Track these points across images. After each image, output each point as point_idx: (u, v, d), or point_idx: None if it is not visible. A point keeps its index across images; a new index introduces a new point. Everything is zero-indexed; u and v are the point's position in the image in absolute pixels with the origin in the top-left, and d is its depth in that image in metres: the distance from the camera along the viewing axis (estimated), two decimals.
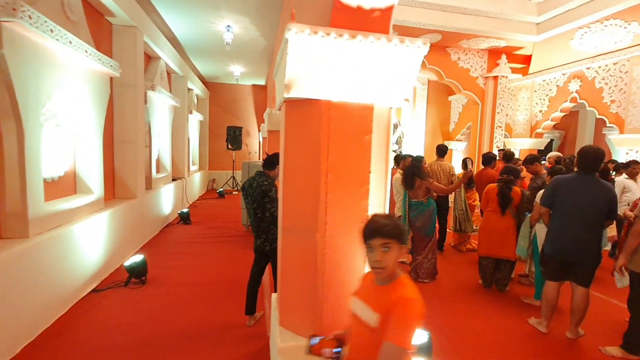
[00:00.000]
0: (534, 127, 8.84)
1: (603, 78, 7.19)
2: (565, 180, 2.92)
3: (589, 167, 2.76)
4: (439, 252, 5.15)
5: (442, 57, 8.44)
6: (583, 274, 2.78)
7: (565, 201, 2.84)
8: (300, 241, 1.97)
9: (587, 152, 2.76)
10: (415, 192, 3.93)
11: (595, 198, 2.67)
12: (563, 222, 2.85)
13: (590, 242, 2.71)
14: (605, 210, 2.66)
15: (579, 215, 2.74)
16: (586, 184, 2.74)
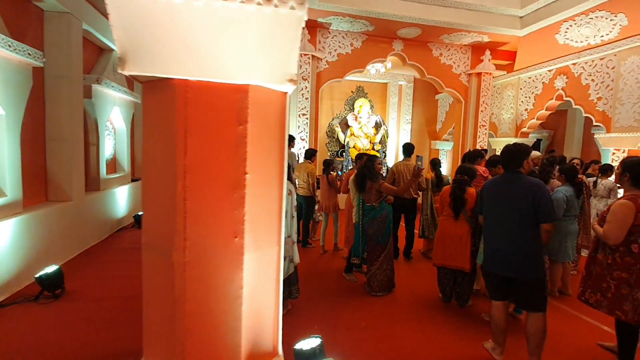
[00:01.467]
0: (519, 126, 8.40)
1: (589, 74, 6.75)
2: (490, 183, 2.55)
3: (511, 165, 2.35)
4: (406, 259, 4.71)
5: (423, 52, 8.01)
6: (525, 293, 2.30)
7: (490, 206, 2.46)
8: (159, 261, 1.54)
9: (507, 149, 2.40)
10: (367, 195, 3.49)
11: (518, 198, 2.27)
12: (491, 230, 2.46)
13: (523, 252, 2.25)
14: (530, 210, 2.21)
15: (505, 220, 2.34)
16: (509, 184, 2.35)
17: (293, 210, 3.08)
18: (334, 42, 7.56)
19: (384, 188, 3.36)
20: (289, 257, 3.02)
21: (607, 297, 2.27)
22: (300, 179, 4.93)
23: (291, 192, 3.03)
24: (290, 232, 3.04)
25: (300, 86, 7.24)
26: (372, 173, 3.42)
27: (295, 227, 3.11)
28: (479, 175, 3.85)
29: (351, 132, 9.86)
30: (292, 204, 3.05)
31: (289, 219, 3.02)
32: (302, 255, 4.79)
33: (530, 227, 2.25)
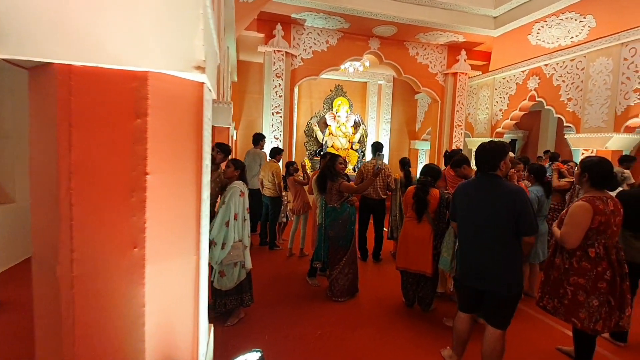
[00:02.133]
0: (494, 126, 8.42)
1: (560, 75, 6.78)
2: (462, 187, 2.27)
3: (485, 166, 2.10)
4: (375, 261, 4.57)
5: (399, 51, 7.91)
6: (493, 307, 2.08)
7: (464, 213, 2.22)
8: (45, 277, 1.32)
9: (481, 147, 2.12)
10: (329, 196, 3.32)
11: (496, 208, 2.02)
12: (465, 238, 2.25)
13: (498, 265, 2.03)
14: (510, 221, 1.98)
15: (479, 228, 2.10)
16: (484, 189, 2.10)
17: (245, 213, 2.88)
18: (309, 39, 7.37)
19: (344, 187, 3.20)
20: (240, 262, 2.82)
21: (564, 304, 2.16)
22: (266, 179, 4.73)
23: (243, 194, 2.83)
24: (242, 236, 2.84)
25: (274, 83, 7.02)
26: (332, 172, 3.25)
27: (247, 231, 2.91)
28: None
29: (329, 131, 9.70)
30: (244, 206, 2.85)
31: (240, 222, 2.82)
32: (268, 258, 4.59)
33: (509, 239, 2.02)
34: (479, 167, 2.16)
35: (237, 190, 2.78)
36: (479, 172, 2.19)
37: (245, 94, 10.09)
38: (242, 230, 2.84)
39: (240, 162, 2.94)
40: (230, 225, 2.72)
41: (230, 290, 2.80)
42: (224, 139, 4.43)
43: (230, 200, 2.74)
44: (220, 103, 4.06)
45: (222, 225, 2.72)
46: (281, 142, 7.15)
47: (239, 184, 2.84)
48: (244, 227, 2.86)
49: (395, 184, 4.53)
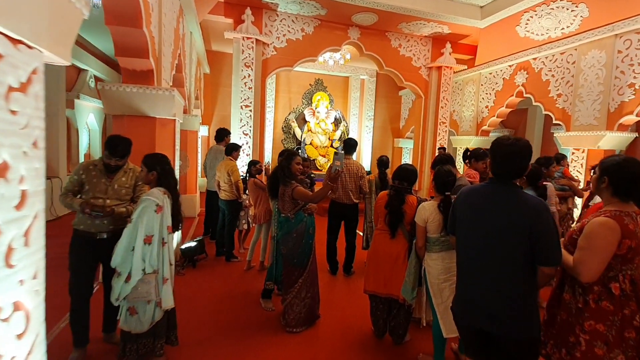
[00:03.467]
0: (480, 124, 7.92)
1: (550, 69, 6.30)
2: (468, 194, 1.69)
3: (511, 171, 1.54)
4: (346, 275, 3.95)
5: (381, 42, 7.30)
6: (512, 356, 1.54)
7: (465, 227, 1.66)
8: None
9: (509, 147, 1.52)
10: (281, 203, 2.67)
11: (508, 223, 1.48)
12: (464, 262, 1.67)
13: (512, 302, 1.50)
14: (526, 244, 1.44)
15: (484, 251, 1.55)
16: (496, 199, 1.55)
17: (165, 234, 2.19)
18: (282, 26, 6.68)
19: (297, 194, 2.55)
20: (155, 300, 2.13)
21: (575, 356, 1.58)
22: (222, 179, 4.04)
23: (161, 208, 2.14)
24: (158, 266, 2.15)
25: (243, 74, 6.31)
26: (285, 174, 2.60)
27: (169, 257, 2.23)
28: (472, 179, 3.09)
29: (308, 127, 9.04)
30: (162, 225, 2.17)
31: (155, 246, 2.13)
32: (222, 272, 3.91)
33: (525, 268, 1.48)
34: (498, 171, 1.57)
35: (150, 203, 2.08)
36: (496, 178, 1.59)
37: (218, 87, 9.33)
38: (159, 257, 2.15)
39: (157, 160, 2.24)
40: (137, 251, 2.04)
41: (144, 333, 2.12)
42: (168, 134, 3.72)
43: (139, 218, 2.04)
44: (156, 89, 3.35)
45: (128, 251, 2.03)
46: (251, 138, 6.46)
47: (155, 193, 2.14)
48: (161, 252, 2.17)
49: (369, 186, 3.91)
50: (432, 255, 2.23)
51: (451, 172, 2.29)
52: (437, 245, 2.22)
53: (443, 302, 2.19)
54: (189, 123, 6.26)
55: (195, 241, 4.01)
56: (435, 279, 2.21)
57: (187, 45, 5.90)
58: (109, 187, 2.31)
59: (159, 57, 3.53)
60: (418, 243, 2.27)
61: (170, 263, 2.29)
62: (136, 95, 3.36)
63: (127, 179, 2.41)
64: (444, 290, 2.19)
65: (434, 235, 2.21)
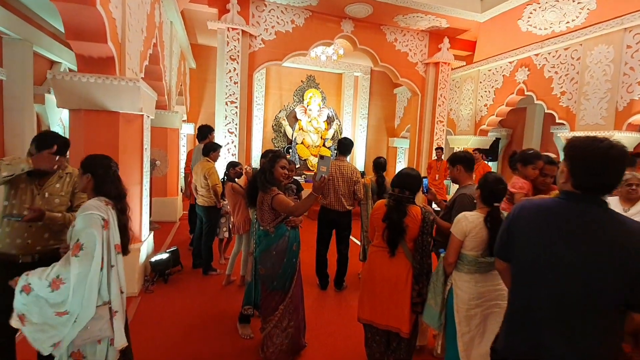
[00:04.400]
0: (478, 123, 7.56)
1: (553, 66, 5.95)
2: (535, 211, 1.24)
3: (597, 184, 1.11)
4: (337, 290, 3.52)
5: (375, 36, 6.87)
6: None
7: (532, 259, 1.21)
8: None
9: (592, 149, 1.09)
10: (260, 213, 2.22)
11: (603, 260, 1.06)
12: (524, 297, 1.24)
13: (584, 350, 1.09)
14: (622, 285, 1.03)
15: (559, 288, 1.12)
16: (583, 224, 1.11)
17: (114, 255, 1.73)
18: (271, 17, 6.21)
19: (277, 204, 2.10)
20: (107, 338, 1.67)
21: None
22: (198, 183, 3.58)
23: (107, 223, 1.68)
24: (110, 297, 1.70)
25: (228, 67, 5.83)
26: (266, 179, 2.15)
27: (119, 285, 1.77)
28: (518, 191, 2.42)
29: (299, 126, 8.59)
30: (110, 244, 1.71)
31: (105, 272, 1.67)
32: (198, 288, 3.45)
33: (612, 312, 1.07)
34: (585, 184, 1.12)
35: (95, 220, 1.62)
36: (575, 191, 1.15)
37: (205, 82, 8.81)
38: (108, 285, 1.70)
39: (95, 161, 1.77)
40: (93, 281, 1.58)
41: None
42: (135, 132, 3.23)
43: (79, 236, 1.59)
44: (118, 79, 2.87)
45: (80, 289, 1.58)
46: (237, 136, 5.98)
47: (95, 205, 1.68)
48: (110, 279, 1.71)
49: (365, 191, 3.49)
50: (464, 275, 1.84)
51: (501, 179, 1.89)
52: (472, 266, 1.83)
53: (469, 332, 1.81)
54: (169, 120, 5.76)
55: (168, 252, 3.54)
56: (465, 304, 1.82)
57: (167, 35, 5.40)
58: (37, 196, 1.84)
59: (123, 42, 3.05)
60: (449, 258, 1.89)
61: (121, 291, 1.83)
62: (94, 87, 2.88)
63: (62, 185, 1.94)
64: (473, 319, 1.81)
65: (472, 253, 1.83)
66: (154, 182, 5.53)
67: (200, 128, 4.94)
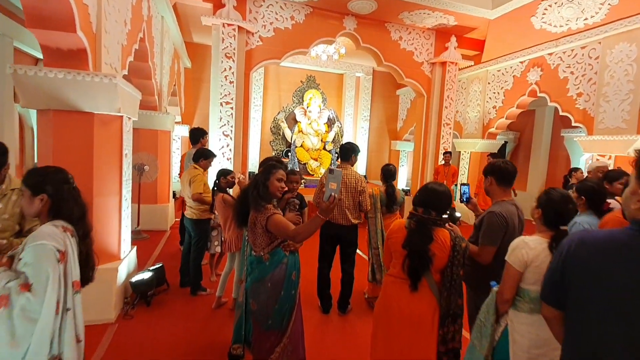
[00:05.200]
0: (486, 125, 7.20)
1: (568, 65, 5.59)
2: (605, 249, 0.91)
3: None
4: (341, 314, 3.12)
5: (379, 34, 6.50)
6: None
7: (601, 304, 0.90)
8: None
9: None
10: (252, 236, 1.83)
11: None
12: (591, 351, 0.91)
13: None
14: None
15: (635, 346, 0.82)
16: None
17: (71, 296, 1.34)
18: (269, 13, 5.83)
19: (272, 226, 1.71)
20: None
21: None
22: (185, 192, 3.18)
23: (64, 255, 1.29)
24: (61, 349, 1.30)
25: (223, 66, 5.44)
26: (260, 195, 1.76)
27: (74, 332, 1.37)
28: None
29: (299, 128, 8.20)
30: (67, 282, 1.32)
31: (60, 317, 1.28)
32: (184, 310, 3.05)
33: None
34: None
35: (45, 251, 1.23)
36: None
37: (201, 82, 8.43)
38: (61, 334, 1.31)
39: (47, 176, 1.36)
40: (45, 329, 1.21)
41: None
42: (112, 136, 2.84)
43: (28, 273, 1.20)
44: (91, 75, 2.48)
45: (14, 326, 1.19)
46: (232, 139, 5.59)
47: (49, 232, 1.28)
48: (64, 326, 1.32)
49: (373, 202, 3.10)
50: (523, 316, 1.48)
51: (569, 197, 1.51)
52: (535, 304, 1.46)
53: None
54: (160, 121, 5.36)
55: (152, 270, 3.14)
56: (524, 353, 1.45)
57: (157, 30, 5.02)
58: None
59: (98, 33, 2.66)
60: (505, 294, 1.51)
61: (79, 339, 1.43)
62: (63, 83, 2.49)
63: (6, 205, 1.54)
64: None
65: (535, 288, 1.46)
66: (143, 188, 5.13)
67: (192, 131, 4.55)
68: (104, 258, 2.83)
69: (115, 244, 2.93)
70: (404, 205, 3.31)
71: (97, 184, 2.74)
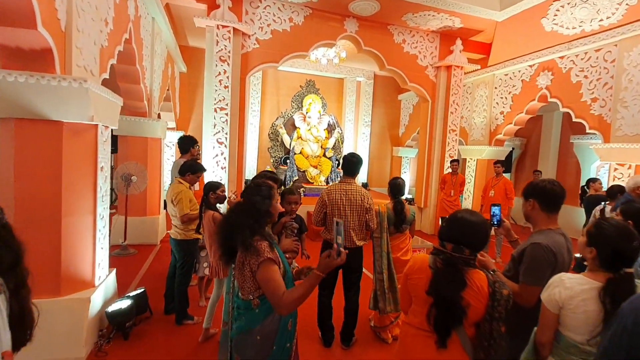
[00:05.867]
0: (493, 132, 6.87)
1: (581, 69, 5.28)
2: None
3: None
4: (344, 347, 2.75)
5: (382, 37, 6.21)
6: None
7: None
8: None
9: None
10: (239, 276, 1.47)
11: None
12: None
13: None
14: None
15: None
16: None
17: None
18: (266, 15, 5.53)
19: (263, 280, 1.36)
20: None
21: None
22: (170, 210, 2.83)
23: None
24: None
25: (217, 69, 5.12)
26: (252, 228, 1.40)
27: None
28: None
29: (298, 134, 7.87)
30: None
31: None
32: (167, 342, 2.68)
33: None
34: None
35: None
36: None
37: (197, 87, 8.11)
38: None
39: None
40: None
41: None
42: (85, 148, 2.49)
43: None
44: (57, 78, 2.15)
45: None
46: (227, 147, 5.26)
47: None
48: None
49: (379, 221, 2.75)
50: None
51: (632, 232, 1.19)
52: (574, 355, 1.14)
53: None
54: (150, 128, 5.02)
55: (132, 297, 2.77)
56: None
57: (147, 32, 4.70)
58: None
59: (68, 31, 2.33)
60: (541, 336, 1.26)
61: None
62: (25, 88, 2.15)
63: None
64: None
65: (573, 336, 1.17)
66: (131, 200, 4.78)
67: (181, 140, 4.21)
68: (74, 286, 2.47)
69: (88, 269, 2.57)
70: (414, 224, 2.96)
71: (67, 202, 2.39)
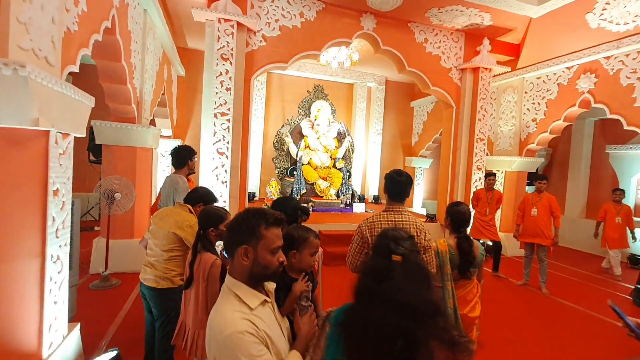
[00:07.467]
0: (524, 142, 6.16)
1: (634, 70, 4.60)
2: None
3: None
4: None
5: (402, 35, 5.53)
6: None
7: None
8: None
9: None
10: None
11: None
12: None
13: None
14: None
15: None
16: None
17: None
18: (274, 9, 4.85)
19: None
20: None
21: None
22: (158, 241, 2.06)
23: None
24: None
25: (218, 69, 4.41)
26: None
27: None
28: None
29: (306, 143, 7.15)
30: None
31: None
32: None
33: None
34: None
35: None
36: None
37: (196, 92, 7.41)
38: None
39: None
40: None
41: None
42: (28, 163, 1.75)
43: None
44: None
45: None
46: (229, 159, 4.51)
47: None
48: None
49: (439, 264, 1.98)
50: None
51: None
52: None
53: None
54: (140, 137, 4.28)
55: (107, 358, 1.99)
56: None
57: (137, 25, 4.01)
58: None
59: (5, 4, 1.60)
60: None
61: None
62: None
63: None
64: None
65: None
66: (114, 221, 4.02)
67: (176, 151, 3.32)
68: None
69: (32, 336, 1.79)
70: (482, 267, 2.18)
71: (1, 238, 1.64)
